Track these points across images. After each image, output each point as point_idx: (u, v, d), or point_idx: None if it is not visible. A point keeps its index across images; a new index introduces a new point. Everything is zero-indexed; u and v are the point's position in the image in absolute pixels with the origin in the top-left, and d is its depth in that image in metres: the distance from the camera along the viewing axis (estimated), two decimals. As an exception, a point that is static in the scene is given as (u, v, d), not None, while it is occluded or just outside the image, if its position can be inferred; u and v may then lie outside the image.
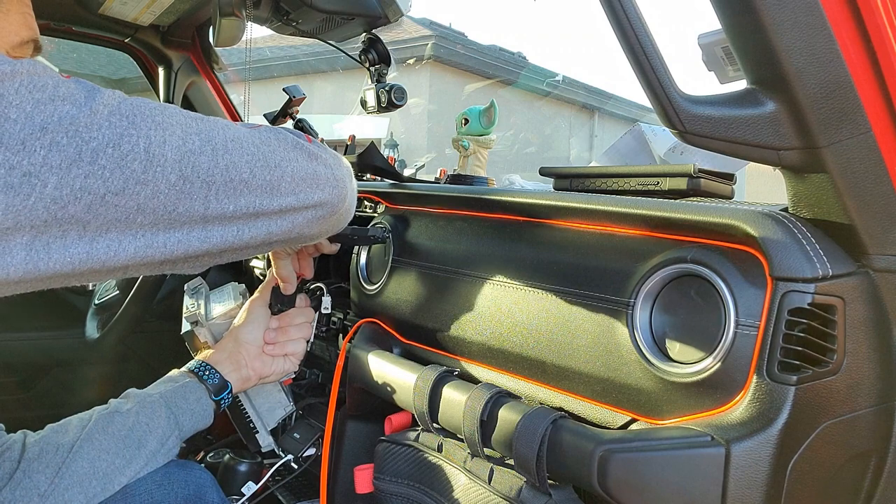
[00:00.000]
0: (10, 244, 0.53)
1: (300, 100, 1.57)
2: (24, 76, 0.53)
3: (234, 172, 0.66)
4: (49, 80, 0.55)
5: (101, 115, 0.56)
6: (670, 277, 0.69)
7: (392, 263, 1.07)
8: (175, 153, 0.61)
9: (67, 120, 0.54)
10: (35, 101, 0.53)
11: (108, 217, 0.58)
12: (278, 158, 0.72)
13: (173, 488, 0.92)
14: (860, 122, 0.59)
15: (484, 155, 1.58)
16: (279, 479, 1.24)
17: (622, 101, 12.47)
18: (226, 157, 0.66)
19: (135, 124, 0.58)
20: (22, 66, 0.54)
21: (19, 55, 0.71)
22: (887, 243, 0.65)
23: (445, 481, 0.86)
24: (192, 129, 0.64)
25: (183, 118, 0.64)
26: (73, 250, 0.57)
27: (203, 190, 0.64)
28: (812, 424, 0.62)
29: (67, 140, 0.54)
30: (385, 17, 1.17)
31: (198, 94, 1.97)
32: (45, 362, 1.89)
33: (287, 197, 0.72)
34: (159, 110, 0.62)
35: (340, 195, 0.80)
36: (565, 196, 0.85)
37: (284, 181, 0.72)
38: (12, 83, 0.52)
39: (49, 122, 0.53)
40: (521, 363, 0.83)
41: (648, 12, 0.59)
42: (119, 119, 0.57)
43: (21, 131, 0.52)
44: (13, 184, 0.51)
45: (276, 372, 1.06)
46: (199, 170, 0.63)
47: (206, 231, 0.66)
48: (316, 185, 0.76)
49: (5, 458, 0.83)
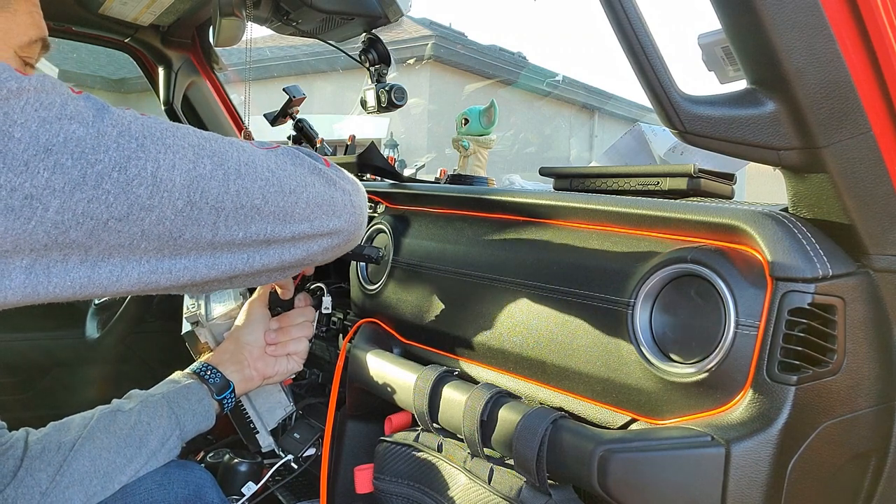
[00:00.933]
0: (8, 267, 0.51)
1: (300, 100, 1.57)
2: (32, 93, 0.51)
3: (245, 198, 0.63)
4: (57, 98, 0.53)
5: (109, 137, 0.54)
6: (670, 277, 0.69)
7: (392, 263, 1.07)
8: (184, 177, 0.58)
9: (73, 141, 0.52)
10: (41, 119, 0.51)
11: (110, 242, 0.56)
12: (294, 184, 0.68)
13: (173, 488, 0.92)
14: (860, 122, 0.59)
15: (484, 155, 1.58)
16: (279, 479, 1.24)
17: (622, 101, 12.47)
18: (238, 182, 0.62)
19: (143, 147, 0.56)
20: (30, 82, 0.52)
21: (28, 54, 0.70)
22: (887, 243, 0.65)
23: (445, 481, 0.86)
24: (205, 151, 0.61)
25: (196, 139, 0.61)
26: (75, 275, 0.55)
27: (212, 216, 0.61)
28: (812, 424, 0.62)
29: (72, 162, 0.52)
30: (385, 17, 1.17)
31: (198, 94, 1.97)
32: (45, 362, 1.89)
33: (301, 224, 0.69)
34: (171, 131, 0.59)
35: (357, 222, 0.76)
36: (565, 196, 0.85)
37: (299, 207, 0.68)
38: (18, 101, 0.50)
39: (54, 143, 0.51)
40: (521, 363, 0.83)
41: (648, 12, 0.59)
42: (128, 141, 0.55)
43: (25, 152, 0.50)
44: (14, 206, 0.49)
45: (280, 372, 1.06)
46: (209, 195, 0.60)
47: (214, 258, 0.63)
48: (332, 213, 0.72)
49: (8, 457, 0.83)
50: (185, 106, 1.98)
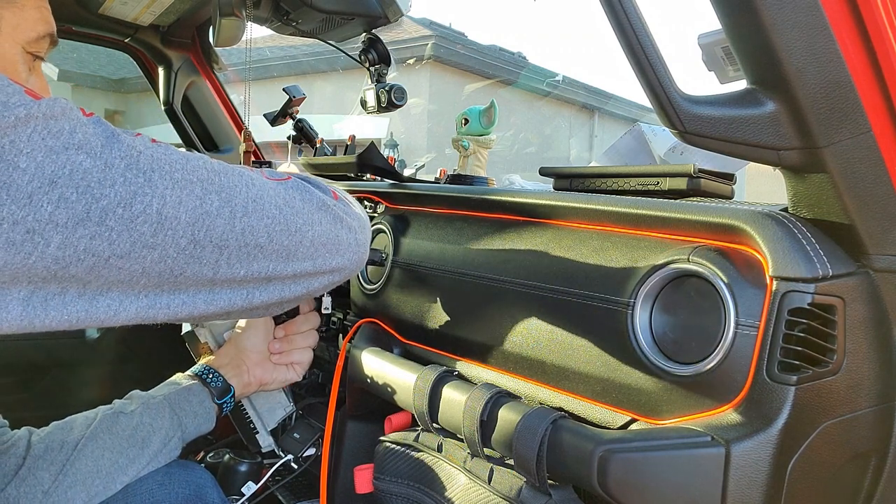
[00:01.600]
0: (5, 298, 0.50)
1: (300, 100, 1.57)
2: (40, 121, 0.49)
3: (249, 237, 0.61)
4: (66, 125, 0.51)
5: (117, 170, 0.52)
6: (670, 277, 0.69)
7: (392, 264, 1.07)
8: (189, 215, 0.56)
9: (80, 173, 0.50)
10: (48, 149, 0.49)
11: (110, 278, 0.54)
12: (300, 222, 0.66)
13: (174, 488, 0.92)
14: (860, 122, 0.59)
15: (484, 155, 1.57)
16: (279, 479, 1.24)
17: (622, 101, 12.47)
18: (244, 220, 0.61)
19: (151, 181, 0.54)
20: (39, 108, 0.50)
21: (36, 49, 0.69)
22: (887, 243, 0.65)
23: (445, 481, 0.86)
24: (213, 186, 0.59)
25: (205, 172, 0.59)
26: (72, 308, 0.54)
27: (214, 254, 0.59)
28: (812, 424, 0.62)
29: (77, 196, 0.50)
30: (385, 17, 1.17)
31: (198, 94, 1.97)
32: (45, 362, 1.89)
33: (304, 262, 0.67)
34: (181, 164, 0.57)
35: (360, 260, 0.75)
36: (565, 196, 0.85)
37: (303, 246, 0.67)
38: (26, 129, 0.48)
39: (60, 175, 0.49)
40: (521, 363, 0.83)
41: (648, 12, 0.59)
42: (135, 174, 0.53)
43: (30, 183, 0.48)
44: (15, 241, 0.48)
45: (278, 380, 1.06)
46: (213, 233, 0.58)
47: (214, 294, 0.62)
48: (336, 251, 0.71)
49: (10, 455, 0.84)
50: (185, 106, 1.98)
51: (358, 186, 1.27)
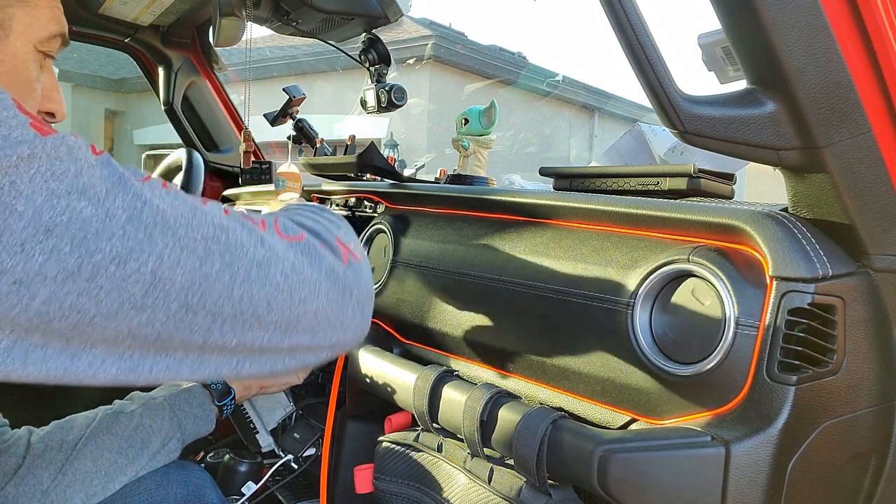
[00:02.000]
0: None
1: (300, 100, 1.57)
2: (44, 161, 0.46)
3: (247, 305, 0.56)
4: (71, 167, 0.47)
5: (117, 222, 0.48)
6: (670, 277, 0.69)
7: (392, 263, 1.07)
8: (186, 278, 0.52)
9: (77, 223, 0.46)
10: (49, 192, 0.45)
11: (93, 336, 0.50)
12: (305, 293, 0.60)
13: (172, 488, 0.92)
14: (860, 122, 0.59)
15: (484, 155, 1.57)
16: (279, 479, 1.24)
17: (622, 101, 12.46)
18: (244, 286, 0.55)
19: (151, 238, 0.50)
20: (44, 147, 0.46)
21: (47, 49, 0.69)
22: (887, 243, 0.65)
23: (445, 481, 0.86)
24: (218, 245, 0.54)
25: (211, 229, 0.54)
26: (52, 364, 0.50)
27: (206, 321, 0.54)
28: (812, 424, 0.62)
29: (71, 249, 0.46)
30: (385, 17, 1.17)
31: (198, 94, 1.97)
32: (46, 362, 1.89)
33: (302, 336, 0.62)
34: (185, 219, 0.52)
35: (361, 336, 0.69)
36: (565, 196, 0.85)
37: (305, 319, 0.61)
38: (28, 170, 0.45)
39: (57, 224, 0.45)
40: (521, 363, 0.83)
41: (648, 12, 0.59)
42: (135, 229, 0.49)
43: (24, 230, 0.44)
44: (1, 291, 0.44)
45: (278, 383, 1.07)
46: (207, 299, 0.53)
47: (201, 360, 0.57)
48: (339, 327, 0.65)
49: (10, 454, 0.84)
50: (185, 106, 1.98)
51: (358, 186, 1.27)
